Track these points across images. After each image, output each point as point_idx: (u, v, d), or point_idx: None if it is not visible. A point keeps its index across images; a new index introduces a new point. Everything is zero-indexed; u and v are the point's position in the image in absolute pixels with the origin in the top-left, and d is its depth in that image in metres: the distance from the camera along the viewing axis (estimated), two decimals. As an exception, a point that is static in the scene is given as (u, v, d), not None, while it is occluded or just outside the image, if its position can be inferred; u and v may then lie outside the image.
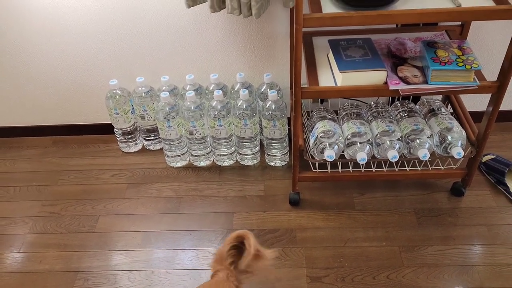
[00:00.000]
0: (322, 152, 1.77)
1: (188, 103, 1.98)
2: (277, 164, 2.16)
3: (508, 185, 1.93)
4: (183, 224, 1.92)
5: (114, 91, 2.08)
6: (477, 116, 1.85)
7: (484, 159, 2.05)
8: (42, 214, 2.00)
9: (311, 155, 1.83)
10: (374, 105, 1.98)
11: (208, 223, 1.91)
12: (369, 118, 1.90)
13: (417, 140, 1.76)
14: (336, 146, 1.77)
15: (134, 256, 1.81)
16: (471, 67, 1.51)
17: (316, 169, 1.88)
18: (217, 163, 2.19)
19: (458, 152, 1.71)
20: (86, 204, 2.03)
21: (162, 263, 1.77)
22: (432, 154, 1.80)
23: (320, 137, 1.78)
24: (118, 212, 1.99)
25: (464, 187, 1.92)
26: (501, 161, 2.00)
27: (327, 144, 1.76)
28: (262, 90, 2.08)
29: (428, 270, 1.69)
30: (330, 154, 1.72)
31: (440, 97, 2.09)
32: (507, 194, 1.93)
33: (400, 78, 1.60)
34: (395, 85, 1.57)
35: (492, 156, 2.05)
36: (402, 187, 2.01)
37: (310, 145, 1.83)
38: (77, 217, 1.97)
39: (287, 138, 2.10)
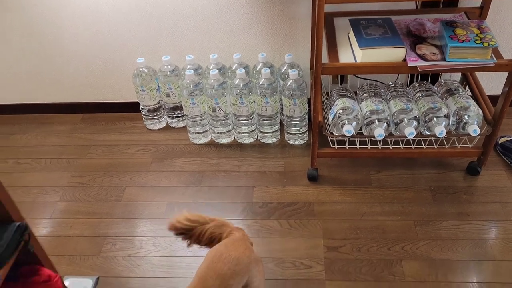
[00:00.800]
0: (341, 128, 1.83)
1: (212, 80, 2.06)
2: (296, 143, 2.23)
3: (524, 165, 1.97)
4: (205, 196, 2.00)
5: (141, 69, 2.17)
6: (493, 100, 1.88)
7: (501, 140, 2.09)
8: (72, 184, 2.10)
9: (330, 131, 1.89)
10: (393, 85, 2.03)
11: (229, 196, 1.99)
12: (388, 98, 1.95)
13: (434, 118, 1.81)
14: (354, 123, 1.82)
15: (158, 224, 1.90)
16: (489, 45, 1.55)
17: (334, 145, 1.94)
18: (238, 140, 2.27)
19: (474, 129, 1.76)
20: (113, 176, 2.13)
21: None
22: (449, 133, 1.84)
23: (339, 113, 1.84)
24: (143, 184, 2.09)
25: (480, 166, 1.96)
26: (517, 142, 2.04)
27: (346, 120, 1.82)
28: (283, 70, 2.14)
29: (442, 243, 1.74)
30: (348, 129, 1.78)
31: (458, 78, 2.13)
32: (523, 174, 1.96)
33: (419, 55, 1.65)
34: (414, 61, 1.62)
35: (509, 138, 2.08)
36: (418, 165, 2.06)
37: (329, 122, 1.90)
38: (104, 187, 2.07)
39: (306, 117, 2.16)
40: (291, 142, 2.23)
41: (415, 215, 1.85)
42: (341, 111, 1.84)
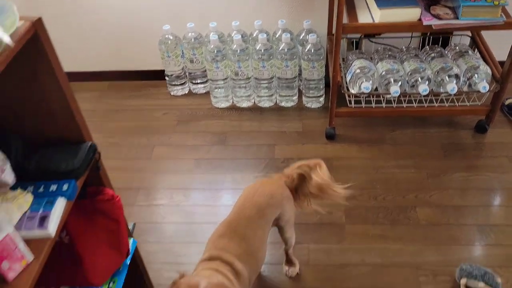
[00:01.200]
0: (358, 86, 1.95)
1: (235, 46, 2.18)
2: (314, 106, 2.35)
3: (529, 123, 2.10)
4: (230, 153, 2.13)
5: (167, 36, 2.29)
6: (500, 65, 2.00)
7: (507, 102, 2.21)
8: (103, 144, 2.22)
9: (347, 88, 2.02)
10: (405, 49, 2.15)
11: (251, 153, 2.12)
12: (402, 59, 2.07)
13: (446, 77, 1.94)
14: (371, 81, 1.95)
15: (187, 177, 2.03)
16: (499, 3, 1.67)
17: (351, 104, 2.07)
18: (258, 104, 2.39)
19: (484, 86, 1.88)
20: (141, 136, 2.26)
21: (212, 184, 1.99)
22: (459, 92, 1.97)
23: (357, 72, 1.97)
24: (170, 143, 2.22)
25: (488, 124, 2.09)
26: (523, 102, 2.17)
27: (364, 78, 1.95)
28: (302, 36, 2.26)
29: (453, 192, 1.88)
30: (366, 86, 1.91)
31: (467, 42, 2.25)
32: (528, 132, 2.09)
33: (433, 15, 1.77)
34: (429, 21, 1.74)
35: (515, 99, 2.21)
36: (430, 124, 2.19)
37: (347, 81, 2.02)
38: (134, 147, 2.21)
39: (323, 81, 2.28)
40: (309, 105, 2.36)
41: (427, 168, 1.99)
42: (358, 70, 1.97)
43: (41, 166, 1.01)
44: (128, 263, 1.29)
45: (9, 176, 0.93)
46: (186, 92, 2.52)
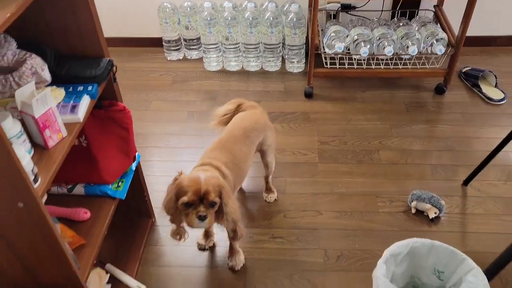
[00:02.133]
0: (333, 46, 2.24)
1: (226, 13, 2.46)
2: (295, 71, 2.64)
3: (481, 86, 2.40)
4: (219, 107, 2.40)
5: (165, 4, 2.56)
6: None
7: (464, 69, 2.52)
8: (106, 98, 2.49)
9: (324, 50, 2.30)
10: (376, 20, 2.45)
11: (239, 107, 2.40)
12: (372, 27, 2.37)
13: (409, 42, 2.23)
14: (344, 43, 2.24)
15: (181, 126, 2.30)
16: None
17: (327, 65, 2.36)
18: (245, 68, 2.67)
19: (440, 48, 2.18)
20: (140, 93, 2.52)
21: (203, 131, 2.26)
22: (420, 57, 2.26)
23: (332, 35, 2.25)
24: (166, 99, 2.48)
25: (445, 86, 2.39)
26: (476, 69, 2.47)
27: (338, 40, 2.23)
28: (285, 8, 2.54)
29: (412, 139, 2.17)
30: (339, 46, 2.20)
31: (431, 16, 2.55)
32: (480, 94, 2.40)
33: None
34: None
35: (470, 67, 2.52)
36: (395, 87, 2.49)
37: (324, 44, 2.31)
38: (134, 101, 2.47)
39: (304, 48, 2.57)
40: (290, 70, 2.64)
41: (391, 121, 2.28)
42: (333, 34, 2.26)
43: (70, 72, 1.27)
44: (134, 169, 1.55)
45: (47, 75, 1.19)
46: (181, 57, 2.79)
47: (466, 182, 1.94)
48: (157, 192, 1.82)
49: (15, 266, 1.18)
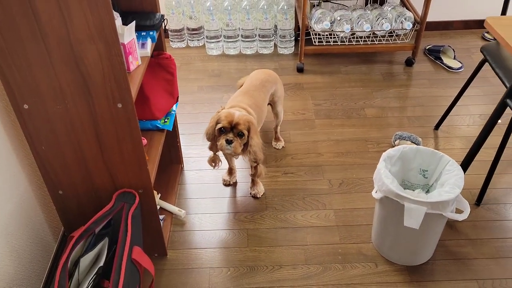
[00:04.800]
0: (321, 23, 2.67)
1: (226, 2, 2.86)
2: (286, 52, 3.05)
3: (442, 58, 2.89)
4: (224, 82, 2.78)
5: (171, -3, 2.94)
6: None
7: (428, 47, 3.01)
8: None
9: (313, 29, 2.73)
10: (353, 6, 2.91)
11: (241, 81, 2.78)
12: (351, 10, 2.82)
13: (383, 20, 2.70)
14: (329, 22, 2.68)
15: (193, 96, 2.66)
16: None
17: (315, 43, 2.79)
18: (242, 52, 3.06)
19: (408, 24, 2.65)
20: (153, 73, 2.86)
21: (213, 100, 2.62)
22: (392, 33, 2.72)
23: (319, 16, 2.69)
24: (178, 76, 2.82)
25: (414, 58, 2.86)
26: (438, 45, 2.96)
27: (323, 19, 2.67)
28: (276, -2, 2.98)
29: (391, 99, 2.61)
30: (326, 23, 2.63)
31: (398, 3, 3.04)
32: (442, 64, 2.88)
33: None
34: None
35: (433, 45, 3.01)
36: (372, 61, 2.94)
37: (312, 23, 2.74)
38: (148, 79, 2.80)
39: (293, 33, 2.99)
40: (282, 52, 3.06)
41: (371, 87, 2.72)
42: (320, 15, 2.69)
43: (135, 21, 1.62)
44: (175, 112, 1.90)
45: (120, 22, 1.54)
46: (184, 45, 3.16)
47: (436, 127, 2.38)
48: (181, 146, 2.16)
49: (103, 173, 1.49)
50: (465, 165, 1.77)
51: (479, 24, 3.24)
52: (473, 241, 1.80)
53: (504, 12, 1.98)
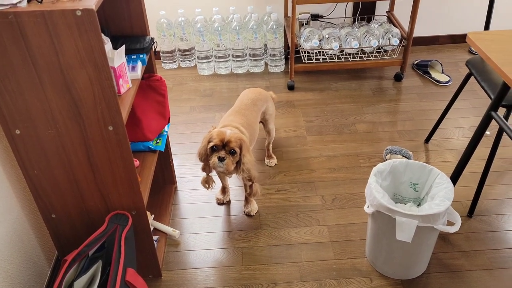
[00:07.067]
0: (310, 43, 2.72)
1: (216, 24, 2.90)
2: (277, 70, 3.09)
3: (430, 73, 2.94)
4: (217, 101, 2.80)
5: (163, 20, 2.98)
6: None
7: (416, 62, 3.06)
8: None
9: (302, 47, 2.78)
10: (341, 23, 2.96)
11: (233, 99, 2.79)
12: (339, 28, 2.88)
13: (370, 37, 2.75)
14: (318, 40, 2.72)
15: (186, 117, 2.68)
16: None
17: (305, 61, 2.83)
18: (233, 72, 3.10)
19: (395, 40, 2.70)
20: (145, 94, 2.88)
21: (205, 120, 2.64)
22: (379, 49, 2.77)
23: (308, 35, 2.74)
24: (170, 97, 2.85)
25: (402, 73, 2.91)
26: (425, 60, 3.01)
27: (312, 37, 2.72)
28: (265, 18, 3.03)
29: (380, 114, 2.64)
30: (315, 41, 2.68)
31: (385, 19, 3.10)
32: (430, 79, 2.93)
33: (357, -9, 2.59)
34: (354, -7, 2.55)
35: (421, 60, 3.06)
36: (361, 78, 2.98)
37: (301, 42, 2.79)
38: (140, 101, 2.82)
39: (283, 51, 3.04)
40: (272, 70, 3.10)
41: (361, 102, 2.75)
42: (309, 33, 2.74)
43: (125, 45, 1.64)
44: (167, 133, 1.91)
45: (110, 46, 1.56)
46: (176, 67, 3.19)
47: (427, 140, 2.40)
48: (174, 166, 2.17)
49: (95, 195, 1.50)
50: (455, 177, 1.80)
51: (464, 38, 3.30)
52: (467, 253, 1.81)
53: (487, 27, 2.02)
